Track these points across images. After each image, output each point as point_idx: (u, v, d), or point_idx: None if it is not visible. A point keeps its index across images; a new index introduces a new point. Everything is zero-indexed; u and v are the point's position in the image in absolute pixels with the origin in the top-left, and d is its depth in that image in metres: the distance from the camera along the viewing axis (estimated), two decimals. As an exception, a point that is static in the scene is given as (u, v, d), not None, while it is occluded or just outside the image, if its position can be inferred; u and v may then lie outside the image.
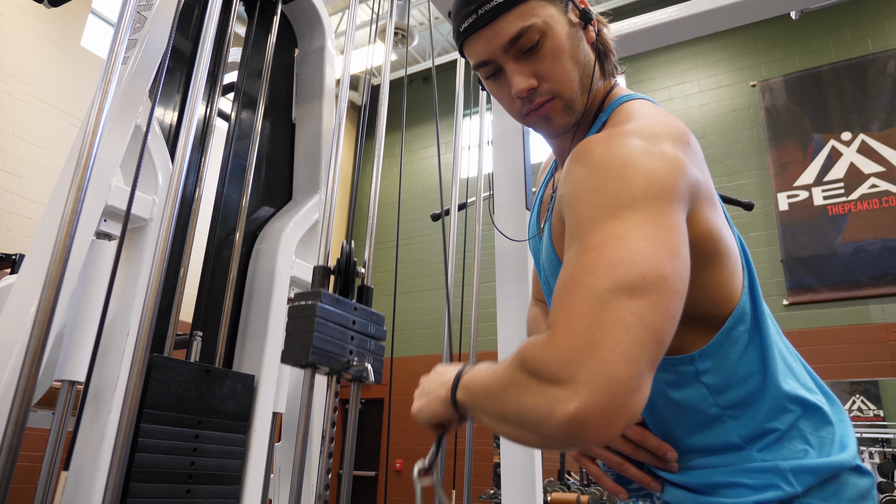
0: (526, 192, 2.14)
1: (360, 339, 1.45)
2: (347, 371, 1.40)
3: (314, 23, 2.61)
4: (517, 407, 0.63)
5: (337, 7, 9.03)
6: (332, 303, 1.39)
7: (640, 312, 0.60)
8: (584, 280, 0.63)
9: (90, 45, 7.11)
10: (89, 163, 1.30)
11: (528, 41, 0.84)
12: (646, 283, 0.61)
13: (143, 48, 1.79)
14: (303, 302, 1.37)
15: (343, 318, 1.41)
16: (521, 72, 0.85)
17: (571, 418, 0.57)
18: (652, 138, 0.74)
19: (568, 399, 0.57)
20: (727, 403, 0.80)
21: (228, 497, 1.80)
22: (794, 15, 2.39)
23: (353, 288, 1.53)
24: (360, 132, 2.12)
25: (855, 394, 6.14)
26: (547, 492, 4.87)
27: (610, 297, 0.60)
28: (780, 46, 7.52)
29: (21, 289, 1.56)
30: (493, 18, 0.84)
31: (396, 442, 8.12)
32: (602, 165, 0.71)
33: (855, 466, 0.77)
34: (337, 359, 1.37)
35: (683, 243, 0.68)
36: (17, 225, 6.03)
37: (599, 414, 0.56)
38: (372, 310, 1.53)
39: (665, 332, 0.62)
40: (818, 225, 6.72)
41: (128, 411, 1.28)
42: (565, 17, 0.87)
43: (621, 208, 0.67)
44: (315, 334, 1.32)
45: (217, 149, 2.17)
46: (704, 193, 0.78)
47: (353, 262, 1.54)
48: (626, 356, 0.58)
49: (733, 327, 0.80)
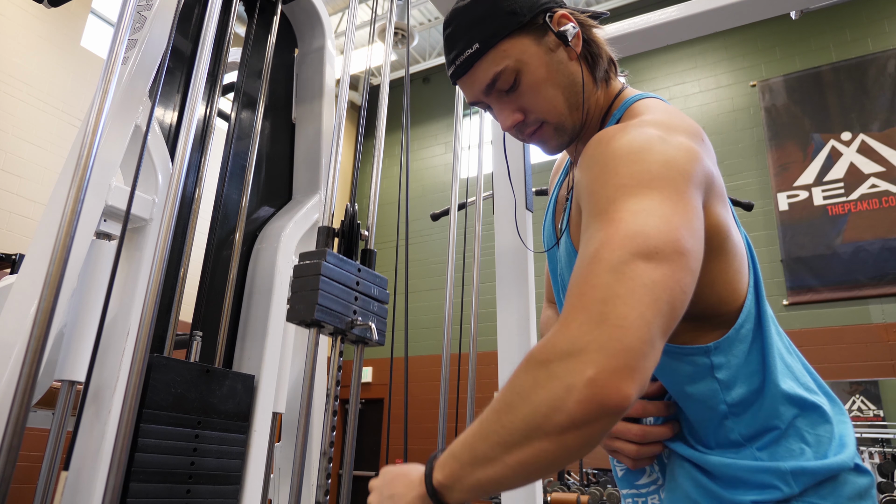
0: (526, 192, 2.14)
1: (364, 300, 1.46)
2: (351, 331, 1.40)
3: (314, 23, 2.61)
4: (526, 413, 0.59)
5: (337, 7, 9.03)
6: (336, 262, 1.39)
7: (655, 279, 0.60)
8: (599, 255, 0.63)
9: (90, 45, 7.11)
10: (89, 163, 1.29)
11: (504, 83, 0.86)
12: (663, 254, 0.61)
13: (143, 48, 1.79)
14: (308, 261, 1.37)
15: (347, 278, 1.41)
16: (504, 111, 0.89)
17: (591, 383, 0.55)
18: (668, 129, 0.76)
19: (584, 367, 0.56)
20: (732, 401, 0.80)
21: (228, 497, 1.79)
22: (794, 15, 2.39)
23: (356, 250, 1.54)
24: (359, 132, 2.12)
25: (855, 394, 6.14)
26: (547, 492, 4.87)
27: (624, 267, 0.60)
28: (780, 46, 7.52)
29: (21, 289, 1.56)
30: (468, 68, 0.87)
31: (396, 442, 8.12)
32: (620, 150, 0.72)
33: (854, 466, 0.78)
34: (341, 317, 1.37)
35: (700, 225, 0.68)
36: (17, 225, 6.03)
37: (617, 377, 0.55)
38: (375, 272, 1.53)
39: (678, 304, 0.62)
40: (818, 225, 6.72)
41: (128, 411, 1.28)
42: (540, 45, 0.87)
43: (640, 188, 0.67)
44: (320, 292, 1.32)
45: (217, 149, 2.17)
46: (716, 189, 0.78)
47: (357, 225, 1.54)
48: (639, 321, 0.58)
49: (742, 325, 0.81)
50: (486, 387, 5.17)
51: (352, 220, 1.53)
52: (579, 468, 5.73)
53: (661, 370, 0.84)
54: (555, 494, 4.80)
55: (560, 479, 5.52)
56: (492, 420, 0.62)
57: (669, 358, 0.82)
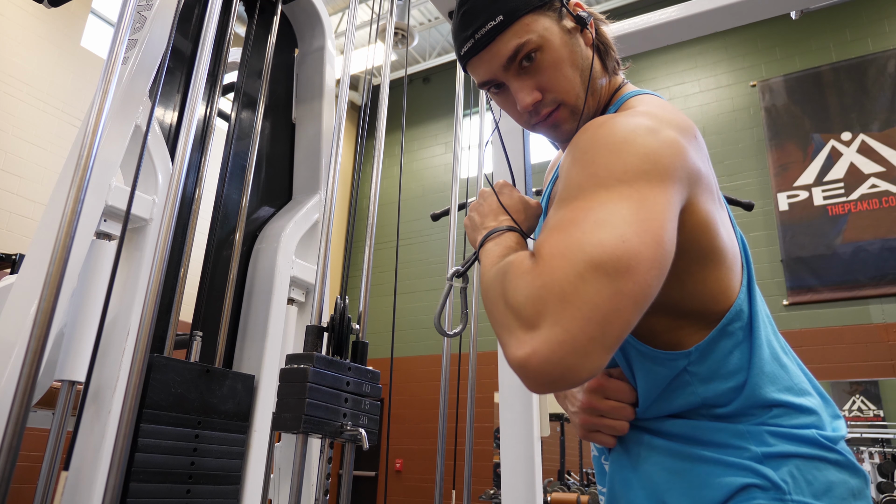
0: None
1: (355, 399, 1.43)
2: (341, 436, 1.37)
3: (314, 23, 2.61)
4: (497, 310, 0.69)
5: (337, 7, 9.03)
6: (324, 365, 1.36)
7: (613, 290, 0.62)
8: (570, 232, 0.66)
9: (90, 45, 7.11)
10: (89, 163, 1.29)
11: (526, 57, 0.85)
12: (621, 264, 0.63)
13: (143, 48, 1.79)
14: (295, 366, 1.34)
15: (336, 381, 1.38)
16: (523, 87, 0.87)
17: (520, 361, 0.62)
18: (658, 121, 0.76)
19: (523, 342, 0.63)
20: (709, 394, 0.80)
21: (228, 497, 1.79)
22: (794, 15, 2.39)
23: (347, 346, 1.50)
24: (360, 132, 2.12)
25: (855, 394, 6.14)
26: (547, 492, 4.87)
27: (586, 269, 0.63)
28: (780, 46, 7.52)
29: (21, 289, 1.56)
30: (489, 41, 0.85)
31: (396, 442, 8.12)
32: (601, 140, 0.73)
33: (834, 461, 0.77)
34: (330, 424, 1.34)
35: (669, 227, 0.68)
36: (17, 225, 6.03)
37: (545, 366, 0.61)
38: (366, 367, 1.50)
39: (631, 317, 0.64)
40: (818, 225, 6.72)
41: (128, 411, 1.28)
42: (560, 25, 0.87)
43: (612, 180, 0.69)
44: (307, 401, 1.29)
45: (217, 149, 2.17)
46: (705, 185, 0.78)
47: (348, 319, 1.51)
48: (587, 324, 0.61)
49: (728, 324, 0.80)
50: (486, 387, 5.16)
51: (342, 315, 1.50)
52: (579, 468, 5.73)
53: (639, 372, 0.84)
54: (555, 494, 4.80)
55: (560, 480, 5.52)
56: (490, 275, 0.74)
57: (648, 362, 0.82)
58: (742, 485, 0.74)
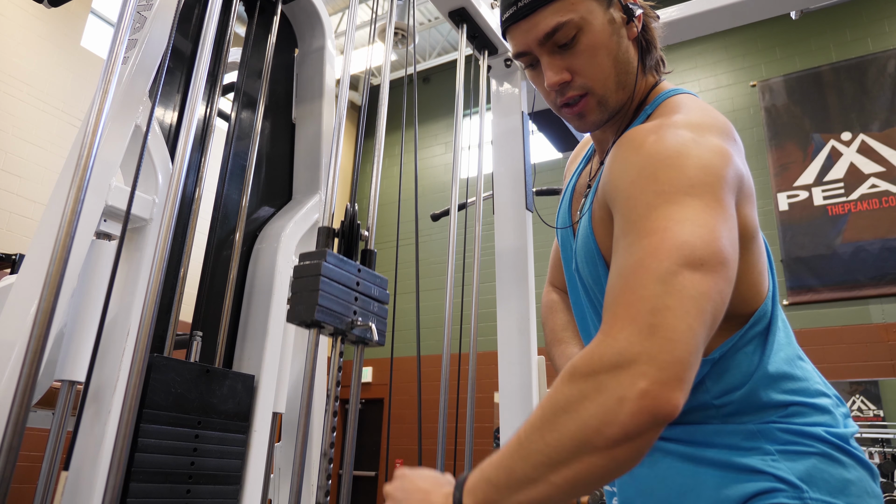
0: (526, 192, 2.14)
1: (364, 300, 1.46)
2: (352, 331, 1.40)
3: (314, 23, 2.60)
4: (574, 428, 0.57)
5: (337, 7, 9.03)
6: (336, 262, 1.39)
7: (701, 290, 0.60)
8: (645, 264, 0.63)
9: (90, 45, 7.11)
10: (89, 163, 1.29)
11: (563, 36, 0.83)
12: (708, 264, 0.62)
13: (143, 48, 1.79)
14: (307, 261, 1.37)
15: (347, 279, 1.41)
16: (554, 66, 0.85)
17: (644, 395, 0.55)
18: (700, 129, 0.75)
19: (636, 379, 0.56)
20: (718, 392, 0.80)
21: (228, 497, 1.79)
22: (794, 15, 2.39)
23: (356, 250, 1.53)
24: (359, 132, 2.12)
25: (855, 394, 6.14)
26: (547, 492, 4.87)
27: (672, 278, 0.60)
28: (780, 46, 7.52)
29: (21, 289, 1.56)
30: (531, 12, 0.84)
31: (396, 442, 8.12)
32: (657, 154, 0.72)
33: (849, 458, 0.77)
34: (341, 318, 1.37)
35: (736, 232, 0.69)
36: (17, 225, 6.03)
37: (668, 388, 0.56)
38: (375, 273, 1.53)
39: (719, 314, 0.63)
40: (818, 225, 6.72)
41: (128, 411, 1.28)
42: (606, 12, 0.86)
43: (680, 195, 0.67)
44: (320, 293, 1.32)
45: (217, 149, 2.16)
46: (746, 189, 0.78)
47: (357, 225, 1.54)
48: (688, 334, 0.58)
49: (752, 326, 0.81)
50: (486, 387, 5.15)
51: (352, 221, 1.53)
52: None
53: None
54: (555, 494, 4.79)
55: (560, 479, 5.52)
56: (533, 438, 0.59)
57: None
58: (759, 489, 0.74)
